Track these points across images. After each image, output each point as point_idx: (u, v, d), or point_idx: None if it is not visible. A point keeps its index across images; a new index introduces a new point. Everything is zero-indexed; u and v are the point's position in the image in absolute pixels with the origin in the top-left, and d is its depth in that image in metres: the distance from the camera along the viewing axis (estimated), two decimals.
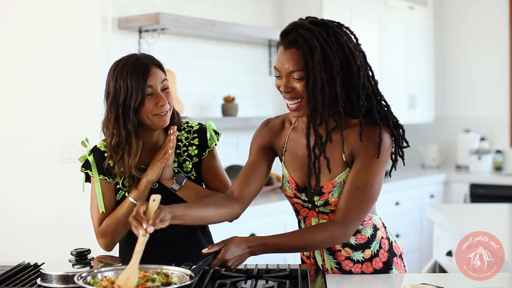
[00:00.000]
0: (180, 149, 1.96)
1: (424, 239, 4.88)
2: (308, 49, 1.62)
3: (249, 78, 4.24)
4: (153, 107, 1.83)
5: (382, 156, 1.71)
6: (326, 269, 1.85)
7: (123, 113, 1.82)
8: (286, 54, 1.66)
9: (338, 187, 1.74)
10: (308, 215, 1.84)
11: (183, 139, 1.97)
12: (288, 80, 1.68)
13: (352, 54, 1.67)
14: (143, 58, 1.86)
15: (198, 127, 1.99)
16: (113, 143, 1.85)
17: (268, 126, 1.90)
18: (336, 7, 4.34)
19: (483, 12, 5.46)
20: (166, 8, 3.60)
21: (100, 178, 1.92)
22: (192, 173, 1.95)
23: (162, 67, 1.90)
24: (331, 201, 1.76)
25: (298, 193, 1.82)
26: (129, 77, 1.81)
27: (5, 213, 3.54)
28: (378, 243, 1.83)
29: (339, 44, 1.66)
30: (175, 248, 1.95)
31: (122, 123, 1.83)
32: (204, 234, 2.04)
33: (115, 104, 1.83)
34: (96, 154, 1.94)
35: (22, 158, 3.49)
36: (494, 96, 5.43)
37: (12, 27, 3.51)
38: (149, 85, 1.82)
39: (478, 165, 5.20)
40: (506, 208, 3.25)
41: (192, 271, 1.52)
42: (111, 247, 1.96)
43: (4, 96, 3.55)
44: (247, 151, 2.05)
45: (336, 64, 1.64)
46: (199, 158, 1.97)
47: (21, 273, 1.74)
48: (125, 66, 1.83)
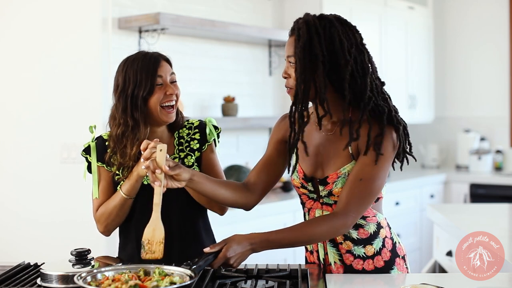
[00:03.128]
0: (182, 145, 1.99)
1: (424, 239, 4.88)
2: (298, 37, 1.73)
3: (249, 78, 4.24)
4: (163, 96, 1.89)
5: (387, 152, 1.74)
6: (329, 263, 1.85)
7: (131, 103, 1.87)
8: (288, 41, 1.79)
9: (342, 178, 1.77)
10: (312, 207, 1.86)
11: (185, 135, 2.01)
12: (287, 66, 1.78)
13: (343, 50, 1.72)
14: (152, 53, 1.95)
15: (198, 122, 2.04)
16: (118, 132, 1.89)
17: (284, 121, 1.95)
18: (336, 7, 4.34)
19: (483, 12, 5.46)
20: (166, 8, 3.60)
21: (98, 165, 1.96)
22: (194, 167, 1.98)
23: (170, 63, 1.97)
24: (334, 192, 1.78)
25: (305, 182, 1.84)
26: (139, 68, 1.88)
27: (5, 213, 3.54)
28: (382, 242, 1.84)
29: (331, 38, 1.72)
30: (175, 247, 1.95)
31: (130, 113, 1.88)
32: (207, 233, 2.04)
33: (124, 95, 1.88)
34: (98, 141, 1.99)
35: (22, 158, 3.49)
36: (494, 96, 5.43)
37: (12, 27, 3.51)
38: (159, 75, 1.89)
39: (478, 165, 5.20)
40: (506, 208, 3.25)
41: (192, 271, 1.52)
42: (106, 234, 1.99)
43: (4, 96, 3.55)
44: (247, 151, 2.06)
45: (322, 54, 1.71)
46: (200, 152, 2.00)
47: (21, 273, 1.74)
48: (135, 60, 1.90)
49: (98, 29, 3.26)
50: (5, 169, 3.55)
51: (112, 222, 1.95)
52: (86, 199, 2.85)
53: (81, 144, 3.36)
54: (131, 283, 1.46)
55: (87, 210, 2.01)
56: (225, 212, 2.01)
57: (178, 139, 2.00)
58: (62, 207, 3.38)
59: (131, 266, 1.61)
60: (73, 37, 3.34)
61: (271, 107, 4.41)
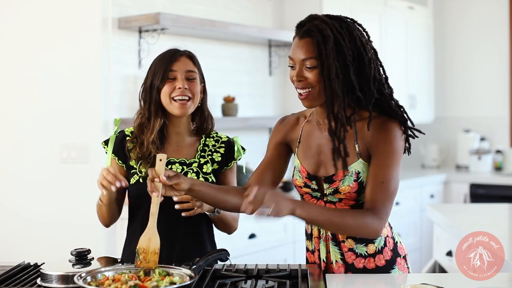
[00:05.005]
0: (205, 153, 2.02)
1: (424, 239, 4.88)
2: (322, 38, 1.69)
3: (249, 78, 4.24)
4: (172, 89, 1.92)
5: (397, 148, 1.75)
6: (330, 261, 1.85)
7: (149, 94, 1.95)
8: (300, 43, 1.73)
9: (349, 176, 1.77)
10: None
11: (210, 145, 2.04)
12: (301, 69, 1.73)
13: (364, 47, 1.74)
14: (177, 48, 2.00)
15: (227, 139, 2.07)
16: (138, 123, 1.97)
17: (284, 122, 1.96)
18: (336, 7, 4.34)
19: (483, 12, 5.46)
20: (166, 8, 3.61)
21: (111, 157, 1.99)
22: (211, 175, 1.99)
23: (195, 60, 2.02)
24: (341, 189, 1.78)
25: (309, 181, 1.84)
26: (157, 61, 1.97)
27: (5, 213, 3.54)
28: (383, 241, 1.84)
29: (352, 36, 1.73)
30: (176, 247, 1.95)
31: (148, 105, 1.95)
32: (209, 235, 2.04)
33: (144, 86, 1.97)
34: (119, 135, 2.02)
35: (22, 158, 3.49)
36: (494, 96, 5.43)
37: (12, 27, 3.51)
38: (172, 69, 1.94)
39: (478, 165, 5.20)
40: (506, 208, 3.25)
41: (192, 271, 1.52)
42: (104, 226, 2.02)
43: (4, 96, 3.55)
44: (247, 151, 2.07)
45: (348, 53, 1.70)
46: (219, 166, 2.02)
47: (21, 273, 1.74)
48: (160, 55, 1.98)
49: (98, 29, 3.26)
50: (5, 169, 3.55)
51: (101, 217, 1.98)
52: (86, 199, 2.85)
53: (81, 144, 3.38)
54: (131, 283, 1.46)
55: (87, 210, 2.02)
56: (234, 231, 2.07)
57: (202, 145, 2.02)
58: (62, 207, 3.38)
59: (131, 266, 1.62)
60: (73, 37, 3.34)
61: (271, 107, 4.41)
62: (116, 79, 3.33)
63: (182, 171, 1.96)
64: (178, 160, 1.98)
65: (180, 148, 2.00)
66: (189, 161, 1.98)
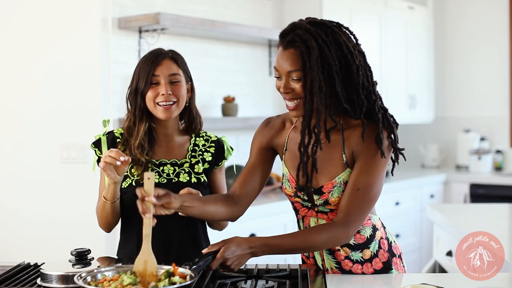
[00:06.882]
0: (195, 152, 2.02)
1: (424, 239, 4.88)
2: (306, 49, 1.63)
3: (249, 78, 4.24)
4: (156, 95, 1.92)
5: (381, 156, 1.72)
6: (326, 268, 1.85)
7: (134, 98, 1.94)
8: (285, 55, 1.68)
9: (338, 187, 1.75)
10: (307, 215, 1.84)
11: (200, 145, 2.04)
12: (287, 80, 1.69)
13: (351, 54, 1.67)
14: (160, 50, 1.97)
15: (216, 139, 2.08)
16: (126, 126, 1.97)
17: (269, 126, 1.91)
18: (336, 7, 4.34)
19: (483, 12, 5.46)
20: (166, 8, 3.60)
21: None
22: (202, 175, 1.99)
23: (178, 62, 1.97)
24: (330, 201, 1.76)
25: (299, 192, 1.82)
26: (141, 65, 1.95)
27: (5, 213, 3.54)
28: (378, 244, 1.83)
29: (338, 43, 1.66)
30: (174, 248, 1.95)
31: (133, 109, 1.95)
32: (205, 236, 2.04)
33: (130, 89, 1.96)
34: (109, 136, 2.00)
35: (22, 158, 3.49)
36: (494, 96, 5.43)
37: (11, 27, 3.51)
38: (155, 74, 1.92)
39: (478, 165, 5.20)
40: (506, 208, 3.25)
41: (192, 271, 1.52)
42: (105, 230, 1.99)
43: (4, 96, 3.55)
44: (247, 151, 2.06)
45: (334, 63, 1.64)
46: (210, 165, 2.02)
47: (21, 273, 1.74)
48: (144, 57, 1.97)
49: (98, 29, 3.26)
50: (5, 169, 3.55)
51: (101, 220, 1.94)
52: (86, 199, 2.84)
53: (81, 144, 3.38)
54: (131, 282, 1.46)
55: (87, 210, 2.02)
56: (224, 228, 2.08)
57: (193, 145, 2.02)
58: (62, 207, 3.38)
59: (131, 266, 1.61)
60: (73, 37, 3.34)
61: (271, 107, 4.41)
62: (116, 79, 3.33)
63: (174, 172, 1.95)
64: (169, 161, 1.97)
65: (171, 149, 2.00)
66: (180, 162, 1.98)
